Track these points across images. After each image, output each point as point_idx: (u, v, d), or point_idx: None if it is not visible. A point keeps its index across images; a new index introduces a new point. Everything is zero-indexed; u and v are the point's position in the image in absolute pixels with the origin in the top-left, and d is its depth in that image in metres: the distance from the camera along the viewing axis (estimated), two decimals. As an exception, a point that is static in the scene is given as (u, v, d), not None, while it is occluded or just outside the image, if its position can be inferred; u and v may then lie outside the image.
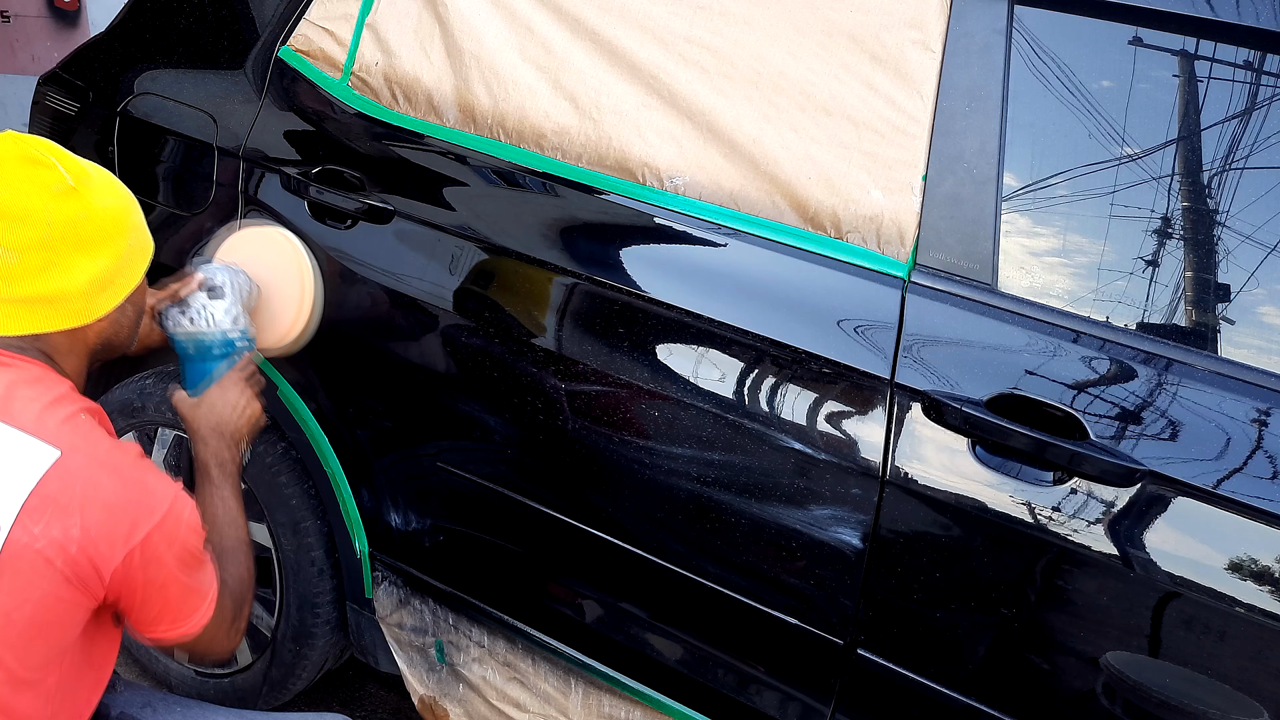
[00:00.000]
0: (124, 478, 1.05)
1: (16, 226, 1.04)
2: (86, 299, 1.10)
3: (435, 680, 1.75)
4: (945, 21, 1.28)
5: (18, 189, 1.04)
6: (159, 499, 1.06)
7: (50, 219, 1.05)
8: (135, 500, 1.04)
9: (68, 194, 1.07)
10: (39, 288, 1.07)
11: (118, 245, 1.12)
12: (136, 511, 1.04)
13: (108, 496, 1.02)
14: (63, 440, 1.02)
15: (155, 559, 1.05)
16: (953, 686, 1.26)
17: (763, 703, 1.42)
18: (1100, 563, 1.15)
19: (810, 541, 1.30)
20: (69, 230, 1.07)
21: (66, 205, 1.06)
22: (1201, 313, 1.19)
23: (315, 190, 1.60)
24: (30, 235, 1.04)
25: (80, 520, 1.00)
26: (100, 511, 1.01)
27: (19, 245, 1.04)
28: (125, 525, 1.02)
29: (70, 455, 1.02)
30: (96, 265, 1.10)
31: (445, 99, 1.54)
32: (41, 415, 1.04)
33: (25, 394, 1.05)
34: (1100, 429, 1.15)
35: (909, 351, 1.24)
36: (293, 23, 1.67)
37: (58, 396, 1.07)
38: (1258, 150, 1.17)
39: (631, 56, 1.42)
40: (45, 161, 1.06)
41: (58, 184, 1.06)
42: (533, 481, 1.50)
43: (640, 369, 1.37)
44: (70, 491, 1.00)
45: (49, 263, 1.06)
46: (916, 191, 1.26)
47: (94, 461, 1.03)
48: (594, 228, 1.44)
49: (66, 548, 0.99)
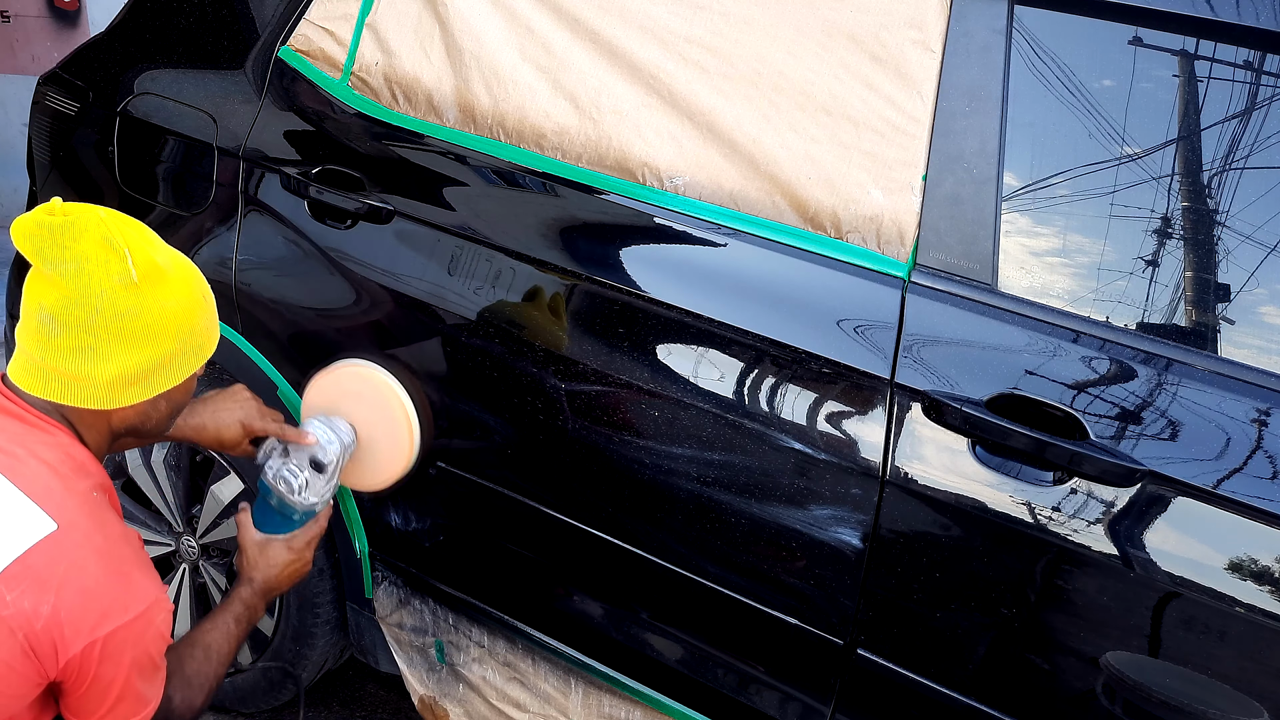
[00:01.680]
0: (110, 568, 1.05)
1: (68, 302, 1.05)
2: (111, 389, 1.10)
3: (435, 680, 1.75)
4: (945, 21, 1.27)
5: (82, 267, 1.05)
6: (137, 599, 1.06)
7: (100, 306, 1.06)
8: (113, 593, 1.04)
9: (127, 288, 1.07)
10: (68, 364, 1.07)
11: (161, 347, 1.12)
12: (110, 604, 1.03)
13: (88, 582, 1.02)
14: (64, 514, 1.03)
15: (113, 656, 1.05)
16: (953, 686, 1.26)
17: (763, 703, 1.42)
18: (1100, 563, 1.15)
19: (810, 541, 1.30)
20: (114, 322, 1.07)
21: (121, 297, 1.07)
22: (1201, 313, 1.19)
23: (315, 190, 1.60)
24: (76, 315, 1.05)
25: (54, 599, 0.99)
26: (76, 595, 1.01)
27: (63, 319, 1.05)
28: (95, 615, 1.02)
29: (66, 531, 1.02)
30: (131, 361, 1.10)
31: (445, 99, 1.54)
32: (51, 484, 1.04)
33: (42, 458, 1.06)
34: (1100, 429, 1.15)
35: (909, 351, 1.24)
36: (293, 23, 1.67)
37: (74, 467, 1.08)
38: (1258, 150, 1.17)
39: (631, 56, 1.42)
40: (119, 250, 1.06)
41: (121, 275, 1.06)
42: (532, 481, 1.50)
43: (640, 369, 1.37)
44: (54, 567, 1.00)
45: (85, 345, 1.07)
46: (916, 191, 1.26)
47: (87, 543, 1.03)
48: (594, 228, 1.44)
49: (33, 622, 0.99)
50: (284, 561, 1.40)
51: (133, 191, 1.80)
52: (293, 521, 1.43)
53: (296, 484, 1.40)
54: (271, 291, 1.66)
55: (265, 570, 1.39)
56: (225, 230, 1.69)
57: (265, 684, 1.88)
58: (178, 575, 1.93)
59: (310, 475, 1.41)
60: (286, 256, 1.64)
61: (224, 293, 1.69)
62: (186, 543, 1.90)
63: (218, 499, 1.80)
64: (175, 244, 1.73)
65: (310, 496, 1.42)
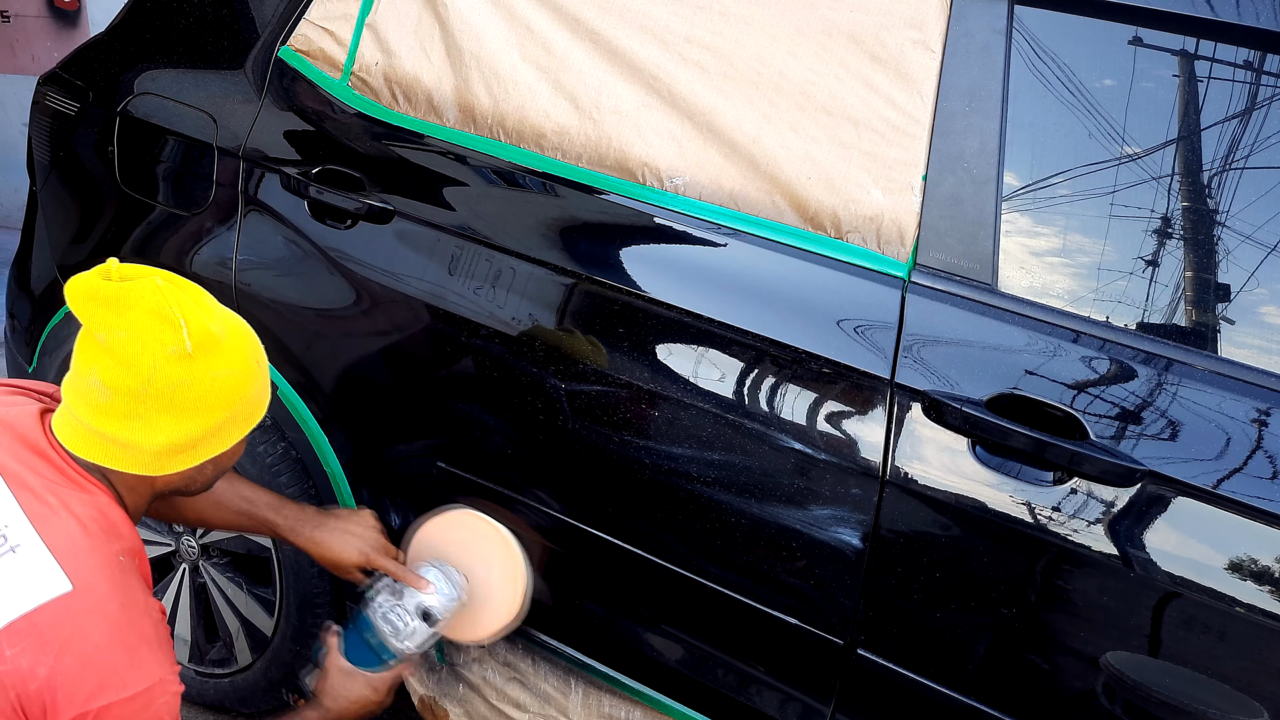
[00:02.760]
0: (118, 640, 1.02)
1: (118, 370, 1.04)
2: (158, 457, 1.09)
3: (435, 680, 1.75)
4: (945, 21, 1.27)
5: (135, 337, 1.04)
6: (139, 677, 1.02)
7: (151, 376, 1.04)
8: (115, 666, 1.01)
9: (180, 358, 1.05)
10: (116, 430, 1.06)
11: (212, 417, 1.10)
12: (108, 677, 1.00)
13: (90, 651, 0.99)
14: (81, 577, 1.01)
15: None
16: (953, 686, 1.26)
17: (763, 703, 1.42)
18: (1100, 563, 1.15)
19: (810, 541, 1.30)
20: (165, 391, 1.05)
21: (173, 368, 1.05)
22: (1201, 313, 1.19)
23: (315, 190, 1.60)
24: (127, 383, 1.04)
25: (53, 662, 0.97)
26: (75, 662, 0.98)
27: (113, 386, 1.04)
28: (91, 685, 0.99)
29: (79, 594, 1.00)
30: (180, 431, 1.08)
31: (445, 99, 1.54)
32: (78, 542, 1.03)
33: (75, 512, 1.05)
34: (1100, 429, 1.15)
35: (909, 351, 1.24)
36: (293, 23, 1.67)
37: (105, 527, 1.07)
38: (1258, 150, 1.17)
39: (631, 56, 1.42)
40: (173, 321, 1.04)
41: (175, 346, 1.05)
42: (532, 481, 1.50)
43: (640, 369, 1.37)
44: (59, 630, 0.98)
45: (134, 413, 1.06)
46: (916, 191, 1.26)
47: (98, 610, 1.01)
48: (594, 228, 1.44)
49: (28, 682, 0.97)
50: (364, 698, 1.39)
51: (132, 191, 1.80)
52: (381, 661, 1.41)
53: (403, 629, 1.39)
54: (272, 292, 1.66)
55: (342, 702, 1.37)
56: (225, 230, 1.69)
57: (265, 684, 1.88)
58: (178, 575, 1.93)
59: (419, 624, 1.40)
60: (286, 257, 1.64)
61: (224, 293, 1.69)
62: (186, 543, 1.90)
63: (218, 499, 1.80)
64: (175, 244, 1.75)
65: (410, 644, 1.41)
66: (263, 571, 1.85)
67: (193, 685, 1.94)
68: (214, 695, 1.94)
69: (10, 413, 1.13)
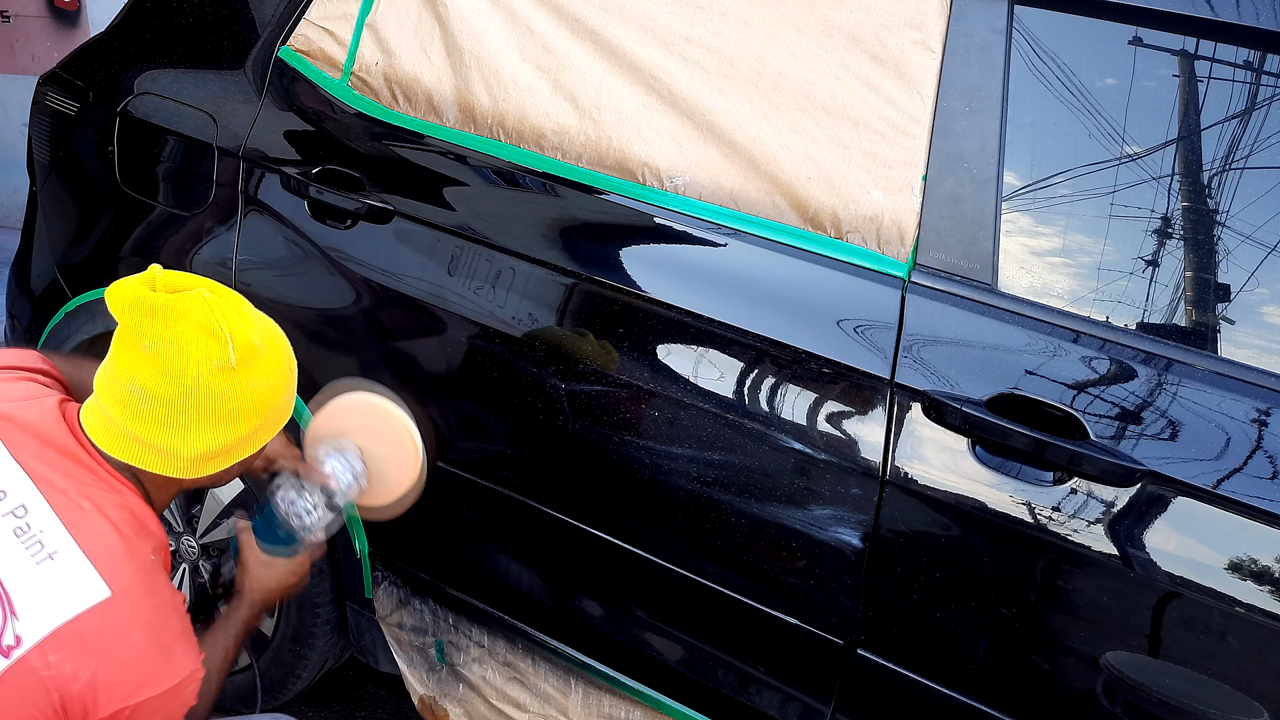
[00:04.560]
0: (155, 641, 1.05)
1: (162, 380, 1.06)
2: (194, 462, 1.12)
3: (435, 680, 1.75)
4: (945, 21, 1.27)
5: (182, 350, 1.06)
6: (174, 672, 1.06)
7: (195, 388, 1.07)
8: (153, 666, 1.05)
9: (225, 372, 1.08)
10: (155, 437, 1.09)
11: (248, 425, 1.14)
12: (148, 677, 1.04)
13: (131, 655, 1.03)
14: (119, 582, 1.04)
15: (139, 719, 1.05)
16: (953, 686, 1.26)
17: (763, 703, 1.42)
18: (1100, 563, 1.15)
19: (810, 541, 1.30)
20: (207, 402, 1.08)
21: (217, 381, 1.08)
22: (1201, 313, 1.19)
23: (315, 190, 1.60)
24: (170, 393, 1.07)
25: (95, 666, 1.00)
26: (117, 666, 1.02)
27: (156, 395, 1.07)
28: (132, 685, 1.02)
29: (118, 600, 1.03)
30: (217, 439, 1.12)
31: (445, 99, 1.54)
32: (114, 545, 1.05)
33: (108, 515, 1.07)
34: (1100, 429, 1.15)
35: (909, 351, 1.24)
36: (293, 23, 1.67)
37: (137, 527, 1.09)
38: (1258, 150, 1.17)
39: (631, 56, 1.42)
40: (220, 336, 1.07)
41: (221, 360, 1.07)
42: (532, 481, 1.50)
43: (640, 369, 1.37)
44: (100, 636, 1.01)
45: (174, 422, 1.08)
46: (916, 191, 1.26)
47: (135, 615, 1.04)
48: (594, 228, 1.44)
49: (70, 685, 0.99)
50: (284, 579, 1.41)
51: (133, 192, 1.80)
52: (291, 542, 1.43)
53: (310, 520, 1.42)
54: (272, 291, 1.66)
55: (264, 587, 1.39)
56: (225, 230, 1.69)
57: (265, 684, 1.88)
58: (178, 575, 1.93)
59: (323, 511, 1.43)
60: (286, 256, 1.64)
61: (224, 293, 1.69)
62: (186, 543, 1.90)
63: (217, 499, 1.80)
64: (175, 244, 1.75)
65: (311, 521, 1.43)
66: (263, 571, 1.85)
67: (193, 685, 1.94)
68: (214, 695, 1.94)
69: (29, 414, 1.13)
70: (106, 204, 1.84)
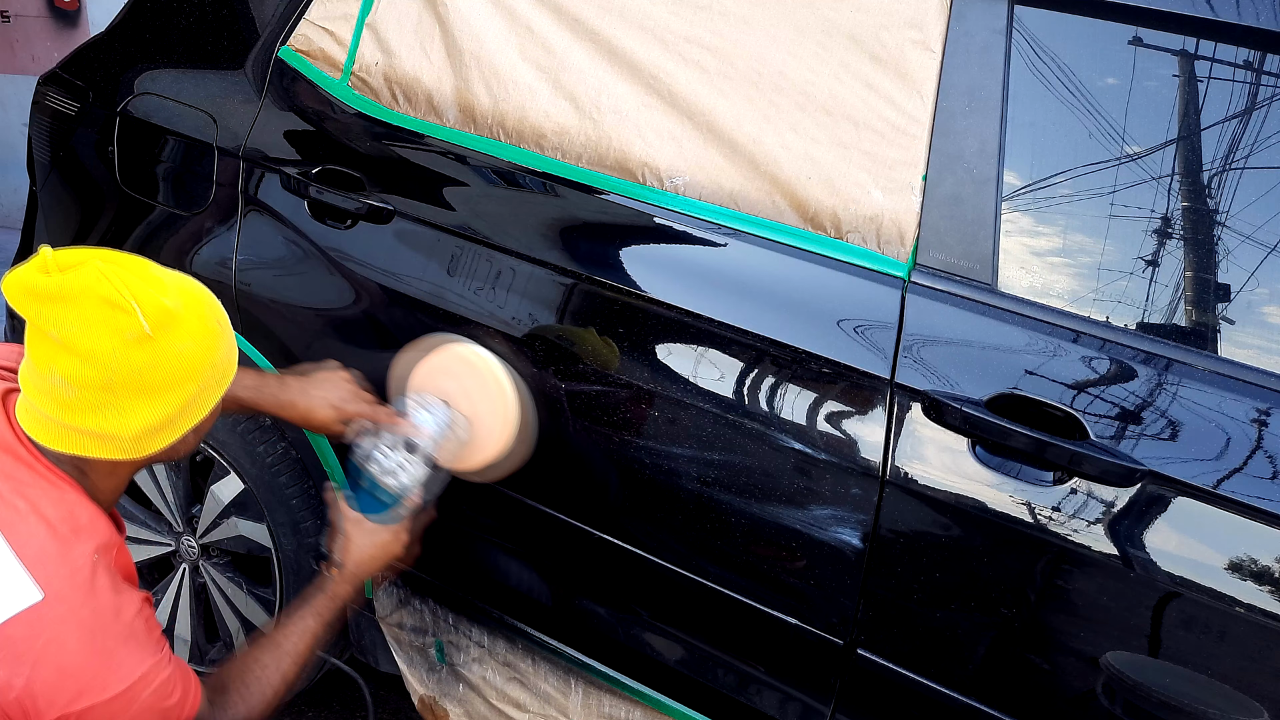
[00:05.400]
0: (94, 645, 1.00)
1: (80, 364, 0.99)
2: (137, 440, 1.05)
3: (435, 680, 1.75)
4: (945, 21, 1.28)
5: (89, 329, 0.98)
6: (119, 677, 1.01)
7: (115, 365, 1.00)
8: (92, 671, 1.00)
9: (141, 341, 1.00)
10: (90, 423, 1.02)
11: (184, 391, 1.06)
12: (88, 682, 0.99)
13: (66, 660, 0.98)
14: (53, 584, 0.99)
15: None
16: (953, 686, 1.26)
17: (763, 703, 1.42)
18: (1100, 563, 1.15)
19: (810, 541, 1.30)
20: (132, 378, 1.01)
21: (136, 353, 1.01)
22: (1201, 313, 1.19)
23: (315, 190, 1.60)
24: (92, 376, 0.99)
25: (29, 672, 0.97)
26: (52, 671, 0.97)
27: (79, 381, 1.00)
28: (70, 692, 0.98)
29: (51, 603, 0.99)
30: (155, 412, 1.05)
31: (445, 99, 1.54)
32: (47, 547, 1.01)
33: (44, 515, 1.02)
34: (1100, 429, 1.15)
35: (909, 351, 1.24)
36: (293, 23, 1.67)
37: (75, 528, 1.04)
38: (1258, 150, 1.17)
39: (631, 56, 1.42)
40: (125, 306, 0.99)
41: (133, 331, 1.00)
42: (532, 481, 1.50)
43: (640, 369, 1.37)
44: (32, 641, 0.97)
45: (105, 403, 1.02)
46: (916, 191, 1.26)
47: (71, 618, 1.00)
48: (594, 228, 1.44)
49: (5, 692, 0.96)
50: (384, 545, 1.33)
51: (133, 191, 1.80)
52: (384, 505, 1.37)
53: (390, 465, 1.34)
54: (271, 291, 1.66)
55: (361, 554, 1.32)
56: (225, 230, 1.69)
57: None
58: (178, 575, 1.93)
59: (403, 457, 1.34)
60: (286, 256, 1.64)
61: (224, 293, 1.69)
62: (186, 543, 1.90)
63: (218, 499, 1.80)
64: (175, 244, 1.74)
65: (404, 479, 1.35)
66: (263, 571, 1.85)
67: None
68: (214, 695, 1.93)
69: None
70: (106, 204, 1.84)
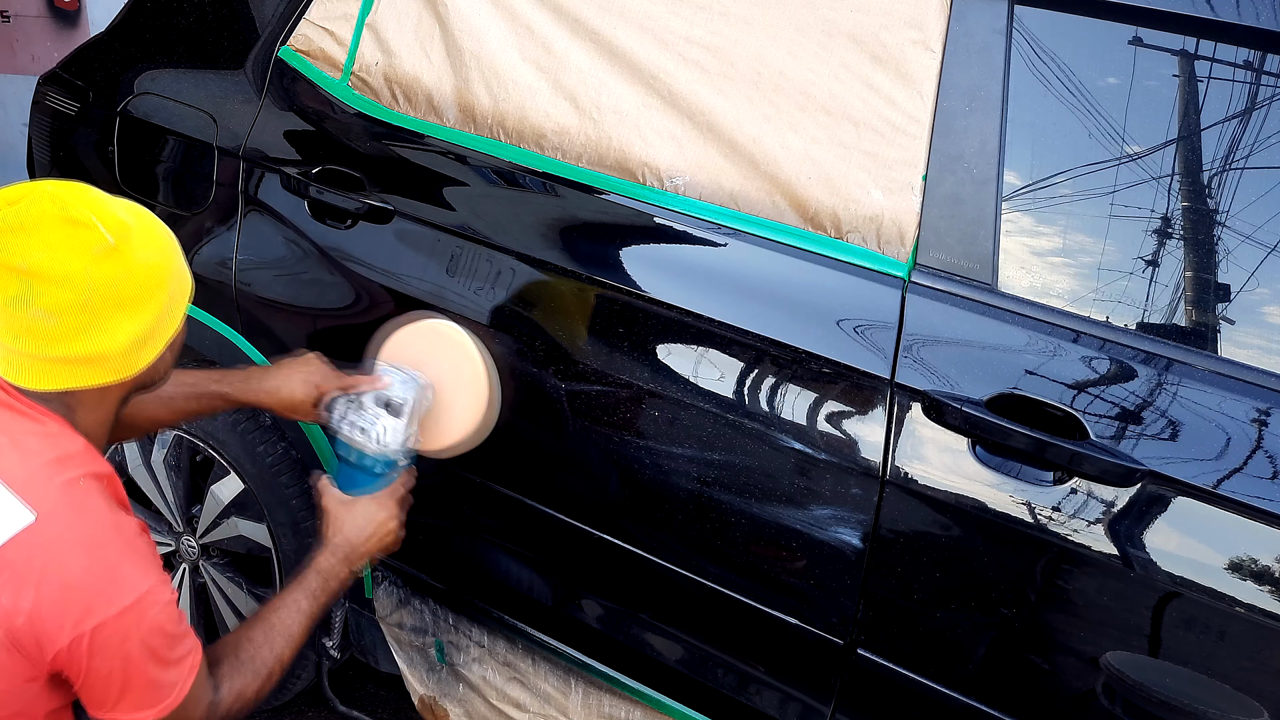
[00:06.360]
0: (95, 560, 1.01)
1: (55, 290, 1.00)
2: (125, 357, 1.07)
3: (435, 680, 1.75)
4: (945, 21, 1.27)
5: (57, 252, 1.00)
6: (124, 591, 1.01)
7: (91, 282, 1.01)
8: (97, 587, 1.00)
9: (109, 254, 1.03)
10: (79, 349, 1.03)
11: (159, 299, 1.09)
12: (94, 599, 0.99)
13: (69, 576, 0.99)
14: (45, 505, 1.00)
15: (105, 649, 1.00)
16: (953, 686, 1.26)
17: (763, 703, 1.42)
18: (1100, 563, 1.15)
19: (810, 541, 1.30)
20: (110, 291, 1.03)
21: (107, 266, 1.02)
22: (1201, 313, 1.19)
23: (315, 190, 1.60)
24: (70, 298, 1.01)
25: (34, 594, 0.97)
26: (56, 590, 0.98)
27: (58, 309, 1.01)
28: (78, 610, 0.98)
29: (46, 523, 0.99)
30: (137, 323, 1.06)
31: (445, 99, 1.54)
32: (35, 473, 1.01)
33: (27, 447, 1.03)
34: (1100, 429, 1.15)
35: (909, 351, 1.24)
36: (293, 23, 1.67)
37: (62, 455, 1.04)
38: (1258, 150, 1.17)
39: (631, 56, 1.42)
40: (86, 221, 1.01)
41: (99, 245, 1.02)
42: (532, 481, 1.50)
43: (640, 369, 1.37)
44: (32, 561, 0.98)
45: (89, 325, 1.03)
46: (916, 191, 1.26)
47: (69, 535, 1.00)
48: (594, 228, 1.44)
49: (13, 618, 0.97)
50: (371, 520, 1.33)
51: (133, 191, 1.80)
52: (374, 475, 1.36)
53: (373, 431, 1.33)
54: (271, 291, 1.66)
55: (350, 531, 1.32)
56: (225, 230, 1.69)
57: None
58: (178, 575, 1.93)
59: (386, 420, 1.34)
60: (286, 256, 1.64)
61: (224, 292, 1.69)
62: (186, 543, 1.90)
63: (217, 499, 1.80)
64: (175, 244, 1.74)
65: (389, 441, 1.34)
66: (263, 571, 1.85)
67: (193, 685, 1.94)
68: (214, 695, 1.93)
69: None
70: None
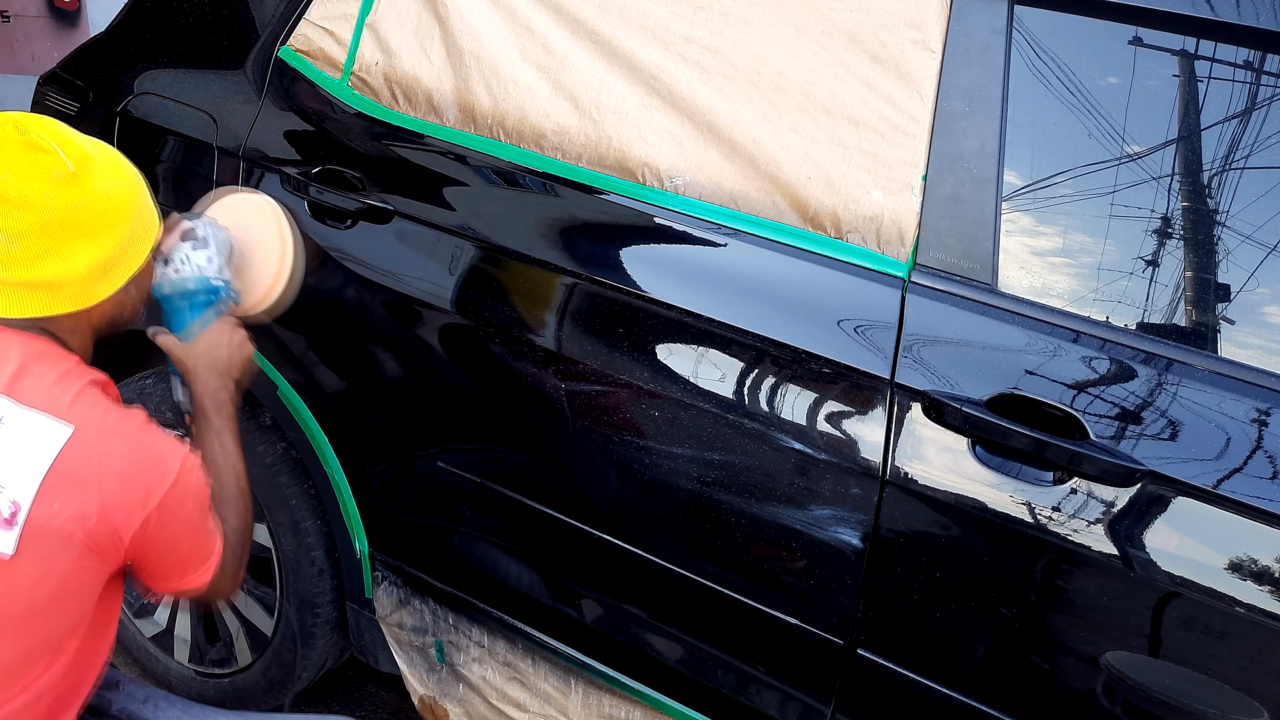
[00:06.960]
0: (135, 447, 1.07)
1: (15, 213, 1.03)
2: (85, 285, 1.10)
3: (435, 680, 1.75)
4: (945, 21, 1.28)
5: (18, 175, 1.03)
6: (170, 462, 1.09)
7: (50, 206, 1.04)
8: (148, 467, 1.07)
9: (69, 180, 1.06)
10: (38, 273, 1.06)
11: (119, 231, 1.11)
12: (150, 478, 1.07)
13: (122, 466, 1.05)
14: (75, 415, 1.05)
15: (170, 519, 1.09)
16: (953, 686, 1.26)
17: (763, 703, 1.42)
18: (1100, 563, 1.15)
19: (810, 541, 1.30)
20: (69, 217, 1.06)
21: (67, 192, 1.06)
22: (1201, 313, 1.19)
23: (315, 190, 1.60)
24: (29, 221, 1.04)
25: (98, 493, 1.03)
26: (116, 482, 1.04)
27: (17, 231, 1.04)
28: (141, 492, 1.06)
29: (83, 430, 1.04)
30: (97, 252, 1.09)
31: (445, 99, 1.54)
32: (51, 391, 1.05)
33: (35, 371, 1.06)
34: (1100, 429, 1.15)
35: (909, 351, 1.24)
36: (293, 23, 1.67)
37: (65, 371, 1.08)
38: (1258, 150, 1.17)
39: (631, 56, 1.42)
40: (47, 147, 1.05)
41: (59, 170, 1.05)
42: (533, 481, 1.50)
43: (640, 369, 1.37)
44: (87, 466, 1.03)
45: (48, 249, 1.06)
46: (916, 191, 1.26)
47: (105, 433, 1.06)
48: (594, 228, 1.44)
49: (86, 520, 1.02)
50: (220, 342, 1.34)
51: (133, 191, 1.80)
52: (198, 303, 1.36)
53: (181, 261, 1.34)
54: (271, 291, 1.66)
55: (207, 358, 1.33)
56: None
57: (265, 684, 1.88)
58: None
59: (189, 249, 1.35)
60: (286, 256, 1.64)
61: (224, 293, 1.69)
62: (186, 543, 1.90)
63: (218, 499, 1.80)
64: (175, 244, 1.74)
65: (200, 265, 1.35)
66: (263, 571, 1.85)
67: (193, 685, 1.94)
68: (214, 695, 1.94)
69: None
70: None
